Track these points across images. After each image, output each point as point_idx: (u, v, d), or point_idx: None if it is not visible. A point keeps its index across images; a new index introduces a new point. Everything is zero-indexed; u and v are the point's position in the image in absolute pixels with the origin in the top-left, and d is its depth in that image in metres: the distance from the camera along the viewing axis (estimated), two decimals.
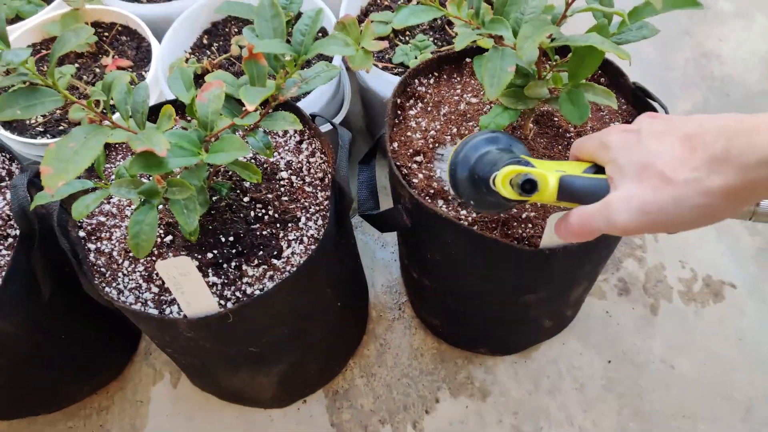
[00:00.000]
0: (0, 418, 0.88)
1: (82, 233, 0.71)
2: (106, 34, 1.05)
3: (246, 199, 0.72)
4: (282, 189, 0.74)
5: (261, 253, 0.68)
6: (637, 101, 0.74)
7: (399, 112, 0.78)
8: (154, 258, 0.69)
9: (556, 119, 0.74)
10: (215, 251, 0.68)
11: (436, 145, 0.73)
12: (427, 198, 0.69)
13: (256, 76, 0.51)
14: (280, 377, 0.82)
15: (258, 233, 0.70)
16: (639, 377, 0.93)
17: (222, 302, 0.65)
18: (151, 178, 0.55)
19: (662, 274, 1.02)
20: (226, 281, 0.67)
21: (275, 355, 0.76)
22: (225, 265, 0.68)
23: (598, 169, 0.47)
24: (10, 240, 0.72)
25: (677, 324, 0.97)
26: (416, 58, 0.96)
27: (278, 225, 0.71)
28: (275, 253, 0.69)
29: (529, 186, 0.44)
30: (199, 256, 0.68)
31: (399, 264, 1.05)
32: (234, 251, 0.69)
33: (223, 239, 0.69)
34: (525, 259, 0.66)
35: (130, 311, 0.65)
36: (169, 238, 0.70)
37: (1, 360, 0.71)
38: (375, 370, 0.95)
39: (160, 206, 0.61)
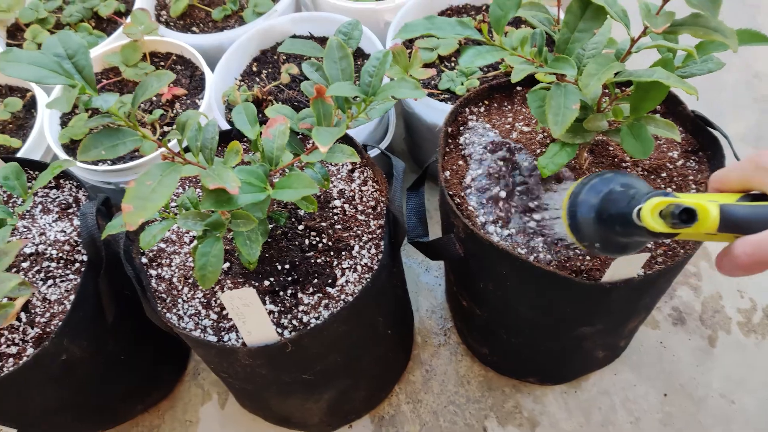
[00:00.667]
0: None
1: (144, 260, 0.74)
2: (162, 63, 1.09)
3: (301, 227, 0.74)
4: (335, 217, 0.75)
5: (316, 281, 0.69)
6: (696, 129, 0.73)
7: (449, 140, 0.78)
8: (213, 286, 0.70)
9: (611, 148, 0.74)
10: (272, 279, 0.70)
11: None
12: (481, 229, 0.69)
13: (322, 115, 0.52)
14: (329, 403, 0.82)
15: (313, 261, 0.71)
16: (698, 412, 0.90)
17: (279, 330, 0.66)
18: (215, 210, 0.57)
19: (719, 304, 0.99)
20: (282, 309, 0.68)
21: (326, 382, 0.77)
22: (281, 293, 0.69)
23: (754, 198, 0.44)
24: (77, 265, 0.75)
25: (737, 356, 0.94)
26: (462, 84, 0.96)
27: (332, 253, 0.72)
28: (330, 281, 0.69)
29: (686, 216, 0.40)
30: (257, 284, 0.69)
31: (444, 288, 1.05)
32: (290, 279, 0.70)
33: (279, 267, 0.71)
34: (584, 293, 0.65)
35: (191, 338, 0.66)
36: (227, 265, 0.72)
37: (67, 382, 0.73)
38: (421, 397, 0.95)
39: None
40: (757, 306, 0.99)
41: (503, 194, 0.70)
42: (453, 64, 1.02)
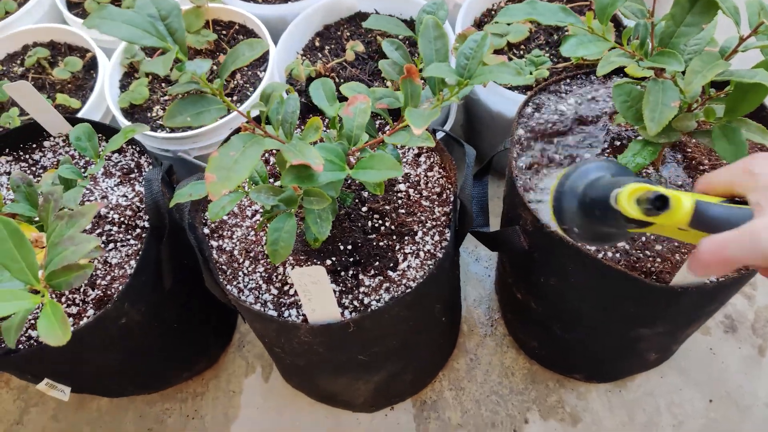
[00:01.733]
0: (108, 395, 0.93)
1: (207, 230, 0.74)
2: (225, 32, 1.08)
3: (364, 209, 0.73)
4: (399, 201, 0.74)
5: (377, 263, 0.69)
6: None
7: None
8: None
9: (689, 150, 0.71)
10: (334, 258, 0.69)
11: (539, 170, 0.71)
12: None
13: (411, 96, 0.51)
14: (377, 385, 0.83)
15: (375, 244, 0.70)
16: (742, 421, 0.89)
17: (340, 309, 0.66)
18: (285, 187, 0.56)
19: None
20: (344, 289, 0.67)
21: (379, 364, 0.77)
22: (343, 273, 0.69)
23: (735, 204, 0.43)
24: (138, 230, 0.76)
25: None
26: (531, 73, 0.94)
27: (395, 237, 0.71)
28: (391, 264, 0.69)
29: (660, 203, 0.40)
30: (318, 262, 0.69)
31: (493, 279, 1.04)
32: (352, 260, 0.70)
33: (341, 247, 0.70)
34: (651, 295, 0.63)
35: (252, 311, 0.66)
36: None
37: (122, 345, 0.74)
38: (464, 385, 0.95)
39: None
40: None
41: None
42: (522, 52, 0.99)
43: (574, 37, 0.48)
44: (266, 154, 0.81)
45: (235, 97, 0.99)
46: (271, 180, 0.76)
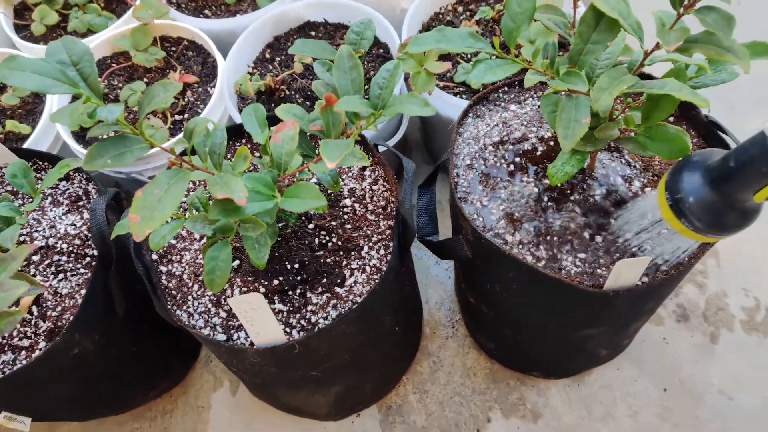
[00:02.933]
0: (74, 419, 0.93)
1: (155, 256, 0.75)
2: (174, 49, 1.08)
3: (311, 226, 0.74)
4: (345, 216, 0.75)
5: (325, 281, 0.70)
6: (709, 134, 0.72)
7: (461, 138, 0.78)
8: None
9: (625, 152, 0.73)
10: (281, 278, 0.71)
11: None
12: (488, 231, 0.69)
13: (331, 124, 0.52)
14: (337, 396, 0.84)
15: (322, 261, 0.72)
16: (696, 408, 0.91)
17: (287, 329, 0.67)
18: None
19: (724, 302, 0.99)
20: (291, 309, 0.69)
21: (333, 378, 0.78)
22: (290, 292, 0.70)
23: None
24: (88, 259, 0.76)
25: (738, 354, 0.95)
26: None
27: (341, 253, 0.72)
28: (338, 281, 0.70)
29: None
30: (266, 283, 0.70)
31: (453, 281, 1.06)
32: (299, 278, 0.71)
33: (288, 266, 0.71)
34: (587, 299, 0.65)
35: (200, 336, 0.67)
36: (237, 263, 0.72)
37: (79, 373, 0.75)
38: (428, 387, 0.97)
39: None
40: (761, 305, 0.99)
41: (514, 197, 0.69)
42: (469, 56, 1.00)
43: (482, 63, 0.49)
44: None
45: (186, 115, 0.99)
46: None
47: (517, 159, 0.73)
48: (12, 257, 0.52)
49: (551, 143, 0.74)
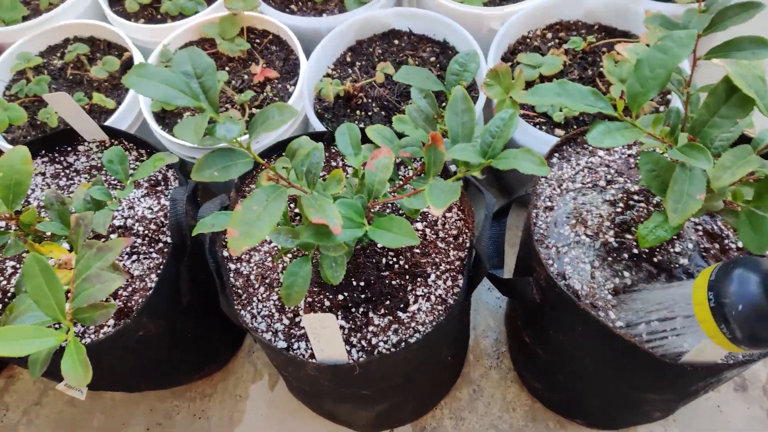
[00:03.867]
0: (122, 389, 0.96)
1: (225, 253, 0.76)
2: (258, 41, 1.09)
3: (379, 245, 0.74)
4: None
5: (388, 303, 0.70)
6: None
7: (545, 176, 0.76)
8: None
9: (719, 223, 0.70)
10: (346, 293, 0.71)
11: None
12: (562, 279, 0.67)
13: (433, 163, 0.51)
14: (379, 412, 0.84)
15: (387, 282, 0.71)
16: None
17: (347, 347, 0.67)
18: None
19: None
20: (353, 327, 0.69)
21: (381, 398, 0.78)
22: (353, 310, 0.70)
23: None
24: (161, 245, 0.78)
25: None
26: (561, 110, 0.93)
27: (407, 277, 0.72)
28: (402, 305, 0.70)
29: None
30: (331, 296, 0.70)
31: (504, 312, 1.05)
32: (363, 297, 0.71)
33: (354, 283, 0.71)
34: (662, 368, 0.63)
35: (261, 340, 0.68)
36: None
37: (138, 352, 0.77)
38: (465, 415, 0.96)
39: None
40: None
41: (593, 249, 0.68)
42: None
43: (601, 125, 0.48)
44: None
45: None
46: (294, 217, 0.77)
47: (602, 210, 0.71)
48: (109, 248, 0.54)
49: (638, 197, 0.71)
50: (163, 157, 0.65)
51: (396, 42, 1.09)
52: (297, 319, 0.70)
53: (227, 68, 1.06)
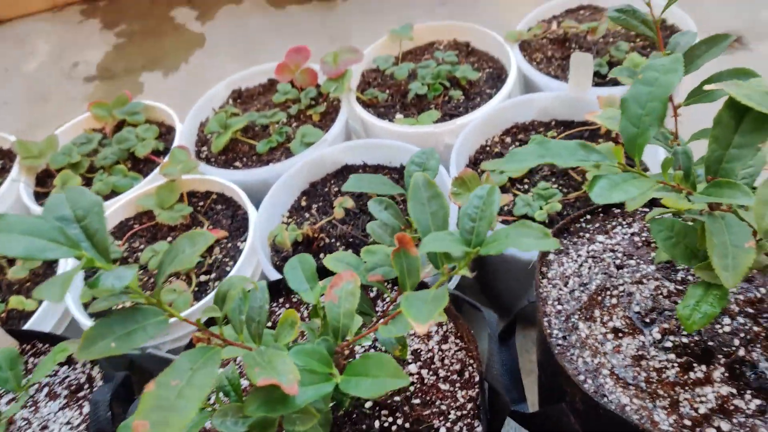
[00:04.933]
0: None
1: None
2: (201, 203, 1.01)
3: (368, 404, 0.58)
4: (412, 388, 0.59)
5: None
6: None
7: (544, 279, 0.64)
8: None
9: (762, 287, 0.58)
10: None
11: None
12: (602, 397, 0.52)
13: (407, 272, 0.39)
14: None
15: None
16: None
17: None
18: None
19: None
20: None
21: None
22: None
23: None
24: None
25: None
26: (542, 208, 0.84)
27: None
28: None
29: None
30: None
31: None
32: None
33: None
34: None
35: None
36: None
37: None
38: None
39: None
40: None
41: (631, 351, 0.54)
42: (526, 186, 0.90)
43: (603, 179, 0.37)
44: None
45: (213, 275, 0.88)
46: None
47: (622, 301, 0.58)
48: None
49: (657, 278, 0.59)
50: (66, 346, 0.50)
51: (342, 188, 1.02)
52: None
53: (169, 238, 0.96)
